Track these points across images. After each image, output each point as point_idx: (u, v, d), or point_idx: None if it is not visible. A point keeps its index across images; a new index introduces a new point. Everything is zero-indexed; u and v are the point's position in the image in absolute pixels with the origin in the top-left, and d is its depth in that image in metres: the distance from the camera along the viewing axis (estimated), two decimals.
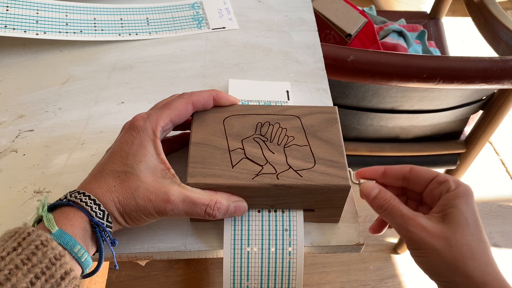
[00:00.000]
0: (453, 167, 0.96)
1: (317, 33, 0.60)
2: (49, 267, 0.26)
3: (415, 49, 1.01)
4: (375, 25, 0.95)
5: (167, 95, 0.39)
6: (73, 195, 0.31)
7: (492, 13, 0.86)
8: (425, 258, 0.34)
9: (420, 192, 0.38)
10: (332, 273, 1.17)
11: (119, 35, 0.57)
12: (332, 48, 0.65)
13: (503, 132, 1.54)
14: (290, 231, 0.36)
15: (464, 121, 0.89)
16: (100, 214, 0.31)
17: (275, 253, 0.35)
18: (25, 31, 0.51)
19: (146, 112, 0.35)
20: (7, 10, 0.52)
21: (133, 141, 0.33)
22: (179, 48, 0.57)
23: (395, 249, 1.22)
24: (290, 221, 0.36)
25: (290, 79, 0.52)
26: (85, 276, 0.31)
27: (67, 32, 0.54)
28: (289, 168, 0.35)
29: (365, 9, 1.13)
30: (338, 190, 0.34)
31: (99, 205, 0.31)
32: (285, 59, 0.55)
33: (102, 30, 0.57)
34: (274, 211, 0.36)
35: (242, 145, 0.36)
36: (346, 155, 0.37)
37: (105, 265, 0.56)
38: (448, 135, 0.92)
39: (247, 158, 0.35)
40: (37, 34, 0.52)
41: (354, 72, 0.66)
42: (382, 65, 0.65)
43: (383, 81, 0.67)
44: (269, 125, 0.38)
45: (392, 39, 0.98)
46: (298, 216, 0.36)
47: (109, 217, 0.31)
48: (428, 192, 0.37)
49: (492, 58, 0.66)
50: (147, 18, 0.60)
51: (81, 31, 0.55)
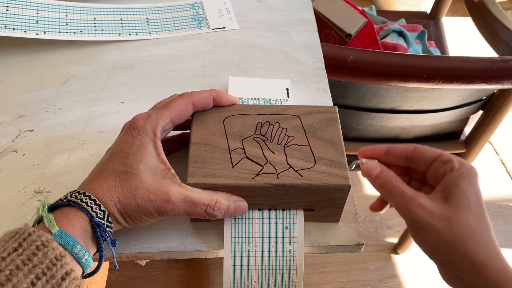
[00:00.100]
0: None
1: (317, 33, 0.60)
2: (50, 267, 0.26)
3: (415, 49, 1.01)
4: (375, 25, 0.95)
5: (167, 95, 0.39)
6: (73, 195, 0.31)
7: (492, 13, 0.86)
8: (425, 238, 0.33)
9: (424, 172, 0.37)
10: (332, 273, 1.17)
11: (119, 35, 0.57)
12: (332, 48, 0.65)
13: (503, 132, 1.54)
14: (290, 229, 0.36)
15: (464, 121, 0.89)
16: (100, 214, 0.31)
17: (276, 251, 0.35)
18: (25, 31, 0.51)
19: (146, 112, 0.35)
20: (7, 10, 0.52)
21: (133, 141, 0.33)
22: (179, 48, 0.57)
23: (395, 249, 1.22)
24: (290, 219, 0.36)
25: (290, 79, 0.52)
26: (85, 276, 0.31)
27: (67, 32, 0.54)
28: (289, 168, 0.35)
29: (365, 9, 1.13)
30: (339, 190, 0.34)
31: (99, 205, 0.31)
32: (285, 59, 0.55)
33: (102, 30, 0.57)
34: (275, 209, 0.37)
35: (242, 145, 0.36)
36: (346, 155, 0.37)
37: (105, 265, 0.56)
38: (448, 135, 0.92)
39: (247, 158, 0.35)
40: (37, 34, 0.52)
41: (354, 72, 0.66)
42: (382, 65, 0.65)
43: (383, 81, 0.67)
44: (269, 124, 0.38)
45: (392, 39, 0.98)
46: (298, 215, 0.36)
47: (110, 217, 0.31)
48: (432, 172, 0.36)
49: (492, 58, 0.66)
50: (147, 18, 0.60)
51: (81, 31, 0.55)
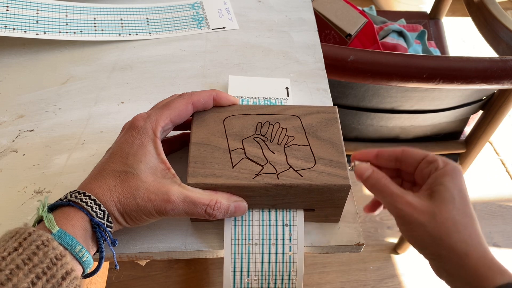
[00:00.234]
0: None
1: (317, 33, 0.60)
2: (50, 267, 0.26)
3: (415, 49, 1.01)
4: (375, 25, 0.95)
5: (167, 95, 0.39)
6: (73, 195, 0.31)
7: (492, 13, 0.86)
8: (413, 233, 0.35)
9: (412, 173, 0.39)
10: (332, 273, 1.17)
11: (119, 35, 0.57)
12: (332, 48, 0.65)
13: (503, 132, 1.54)
14: (290, 226, 0.36)
15: (464, 121, 0.89)
16: (100, 214, 0.31)
17: (276, 248, 0.35)
18: (25, 31, 0.51)
19: (146, 112, 0.35)
20: (7, 10, 0.52)
21: (133, 141, 0.33)
22: (179, 48, 0.57)
23: (395, 249, 1.22)
24: (290, 216, 0.36)
25: (290, 79, 0.52)
26: (86, 276, 0.31)
27: (67, 32, 0.54)
28: (289, 168, 0.35)
29: (365, 9, 1.13)
30: (339, 190, 0.34)
31: (99, 205, 0.31)
32: (285, 59, 0.55)
33: (102, 30, 0.57)
34: (275, 209, 0.37)
35: (242, 145, 0.36)
36: (346, 155, 0.37)
37: (105, 265, 0.56)
38: (448, 135, 0.92)
39: (248, 158, 0.35)
40: (37, 34, 0.52)
41: (354, 72, 0.66)
42: (382, 65, 0.65)
43: (383, 81, 0.67)
44: (269, 125, 0.38)
45: (392, 39, 0.98)
46: (298, 214, 0.36)
47: (110, 217, 0.31)
48: (419, 172, 0.38)
49: (492, 58, 0.66)
50: (147, 18, 0.60)
51: (81, 31, 0.55)
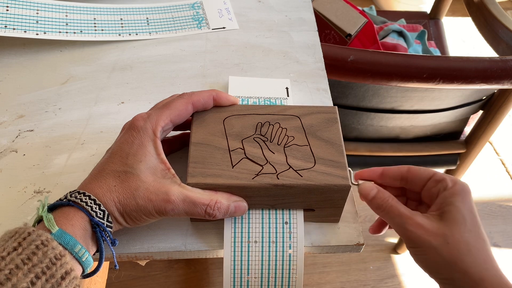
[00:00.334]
0: (453, 167, 0.96)
1: (317, 33, 0.60)
2: (49, 267, 0.26)
3: (415, 49, 1.01)
4: (375, 25, 0.95)
5: (167, 95, 0.39)
6: (73, 195, 0.31)
7: (492, 13, 0.86)
8: (424, 256, 0.34)
9: (419, 192, 0.38)
10: (332, 273, 1.17)
11: (119, 35, 0.57)
12: (332, 48, 0.65)
13: (503, 132, 1.54)
14: (290, 224, 0.36)
15: (464, 121, 0.89)
16: (100, 214, 0.31)
17: (275, 246, 0.35)
18: (25, 31, 0.51)
19: (146, 112, 0.35)
20: (7, 10, 0.52)
21: (133, 141, 0.33)
22: (179, 48, 0.57)
23: (395, 249, 1.22)
24: (290, 214, 0.36)
25: (290, 79, 0.52)
26: (85, 276, 0.31)
27: (67, 32, 0.54)
28: (289, 168, 0.35)
29: (365, 9, 1.13)
30: (338, 190, 0.34)
31: (99, 205, 0.31)
32: (285, 59, 0.55)
33: (102, 30, 0.57)
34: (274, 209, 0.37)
35: (242, 145, 0.36)
36: (346, 155, 0.37)
37: (105, 265, 0.56)
38: (448, 135, 0.92)
39: (247, 158, 0.35)
40: (37, 34, 0.52)
41: (354, 72, 0.66)
42: (382, 65, 0.65)
43: (383, 81, 0.67)
44: (269, 125, 0.38)
45: (392, 39, 0.98)
46: (298, 213, 0.36)
47: (109, 217, 0.31)
48: (426, 191, 0.37)
49: (492, 58, 0.66)
50: (147, 18, 0.60)
51: (81, 31, 0.55)
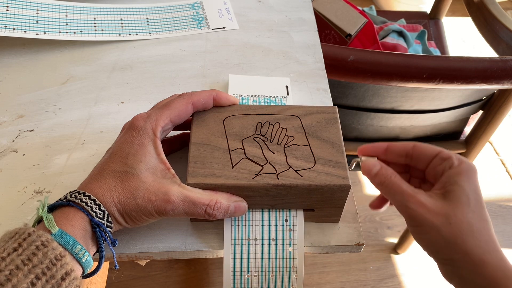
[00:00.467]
0: None
1: (317, 33, 0.60)
2: (49, 267, 0.26)
3: (415, 49, 1.01)
4: (375, 25, 0.95)
5: (167, 95, 0.39)
6: (73, 195, 0.31)
7: (492, 13, 0.86)
8: (424, 236, 0.33)
9: (423, 170, 0.37)
10: (332, 273, 1.17)
11: (119, 35, 0.57)
12: (332, 48, 0.65)
13: (503, 132, 1.54)
14: (290, 221, 0.36)
15: (464, 121, 0.89)
16: (100, 214, 0.31)
17: (276, 244, 0.35)
18: (25, 31, 0.51)
19: (146, 112, 0.35)
20: (7, 10, 0.52)
21: (133, 141, 0.33)
22: (179, 48, 0.57)
23: (395, 249, 1.22)
24: (290, 212, 0.36)
25: (290, 79, 0.52)
26: (85, 276, 0.31)
27: (67, 32, 0.54)
28: (289, 168, 0.35)
29: (365, 9, 1.13)
30: (338, 190, 0.34)
31: (99, 205, 0.31)
32: (285, 59, 0.55)
33: (102, 30, 0.57)
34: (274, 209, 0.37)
35: (242, 145, 0.36)
36: (346, 155, 0.37)
37: (105, 265, 0.56)
38: (448, 135, 0.92)
39: (247, 158, 0.35)
40: (37, 34, 0.52)
41: (354, 72, 0.66)
42: (382, 65, 0.65)
43: (383, 81, 0.67)
44: (269, 125, 0.38)
45: (392, 39, 0.98)
46: (298, 213, 0.36)
47: (109, 217, 0.31)
48: (431, 169, 0.36)
49: (492, 58, 0.66)
50: (147, 18, 0.60)
51: (81, 31, 0.55)
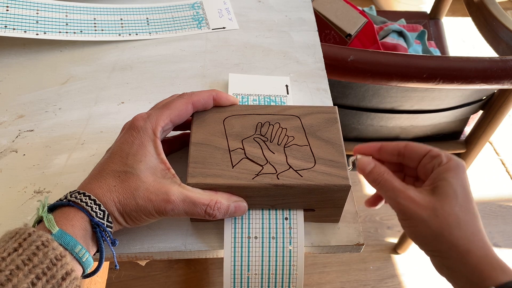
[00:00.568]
0: None
1: (317, 33, 0.60)
2: (50, 267, 0.26)
3: (415, 49, 1.01)
4: (375, 25, 0.95)
5: (167, 95, 0.39)
6: (73, 195, 0.31)
7: (492, 13, 0.86)
8: (414, 229, 0.35)
9: (415, 168, 0.39)
10: (332, 273, 1.17)
11: (119, 35, 0.57)
12: (332, 48, 0.65)
13: (503, 132, 1.54)
14: (290, 219, 0.36)
15: (464, 121, 0.89)
16: (100, 214, 0.31)
17: (276, 242, 0.35)
18: (25, 31, 0.51)
19: (146, 112, 0.35)
20: (7, 10, 0.52)
21: (133, 141, 0.33)
22: (179, 48, 0.57)
23: (395, 249, 1.22)
24: (290, 210, 0.36)
25: (290, 79, 0.52)
26: (86, 276, 0.31)
27: (67, 32, 0.54)
28: (289, 168, 0.35)
29: (365, 9, 1.13)
30: (339, 190, 0.34)
31: (99, 205, 0.31)
32: (285, 59, 0.55)
33: (102, 30, 0.57)
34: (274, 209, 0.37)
35: (242, 145, 0.36)
36: (346, 155, 0.37)
37: (105, 265, 0.56)
38: (448, 135, 0.92)
39: (247, 158, 0.35)
40: (37, 34, 0.52)
41: (354, 72, 0.66)
42: (382, 65, 0.65)
43: (383, 81, 0.67)
44: (269, 125, 0.38)
45: (392, 39, 0.98)
46: (298, 212, 0.36)
47: (110, 217, 0.31)
48: (422, 167, 0.38)
49: (492, 58, 0.66)
50: (147, 18, 0.60)
51: (81, 31, 0.55)
